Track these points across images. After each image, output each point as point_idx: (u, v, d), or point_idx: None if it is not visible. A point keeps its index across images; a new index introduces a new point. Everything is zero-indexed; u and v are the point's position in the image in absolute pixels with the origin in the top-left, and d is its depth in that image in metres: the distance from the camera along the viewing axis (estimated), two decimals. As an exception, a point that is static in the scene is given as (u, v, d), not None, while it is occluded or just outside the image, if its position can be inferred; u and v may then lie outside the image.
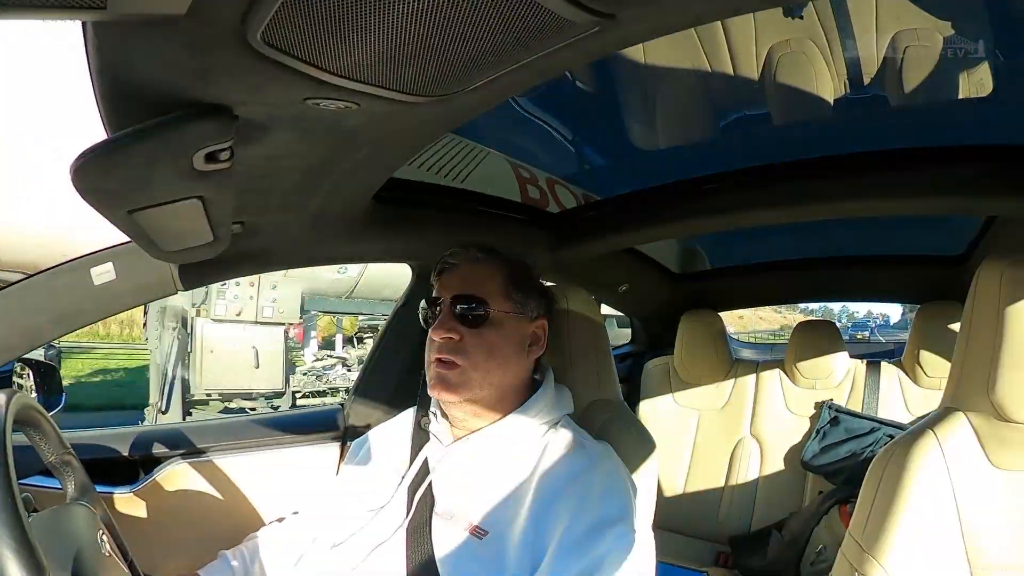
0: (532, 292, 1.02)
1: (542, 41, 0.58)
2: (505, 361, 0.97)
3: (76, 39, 0.53)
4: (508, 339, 0.98)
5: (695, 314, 2.36)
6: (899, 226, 1.92)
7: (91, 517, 0.87)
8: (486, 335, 0.96)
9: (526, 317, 1.01)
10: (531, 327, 1.02)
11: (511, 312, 0.98)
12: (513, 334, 0.99)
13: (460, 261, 1.01)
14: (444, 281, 1.01)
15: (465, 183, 1.37)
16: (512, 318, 0.99)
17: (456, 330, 0.95)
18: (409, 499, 0.98)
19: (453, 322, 0.96)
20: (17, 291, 1.12)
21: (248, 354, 6.74)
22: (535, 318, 1.02)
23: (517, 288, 1.00)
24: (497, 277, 0.99)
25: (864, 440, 1.97)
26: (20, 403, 0.79)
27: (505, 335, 0.98)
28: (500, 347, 0.97)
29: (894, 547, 0.82)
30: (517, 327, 0.99)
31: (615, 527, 0.85)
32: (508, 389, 0.99)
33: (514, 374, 0.99)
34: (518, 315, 0.99)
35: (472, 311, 0.96)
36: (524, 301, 1.00)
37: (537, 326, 1.02)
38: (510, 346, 0.98)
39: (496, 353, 0.96)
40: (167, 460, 1.37)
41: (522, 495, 0.91)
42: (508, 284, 0.99)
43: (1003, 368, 0.81)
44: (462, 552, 0.89)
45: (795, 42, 1.17)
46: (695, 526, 2.22)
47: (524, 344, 1.01)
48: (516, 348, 0.99)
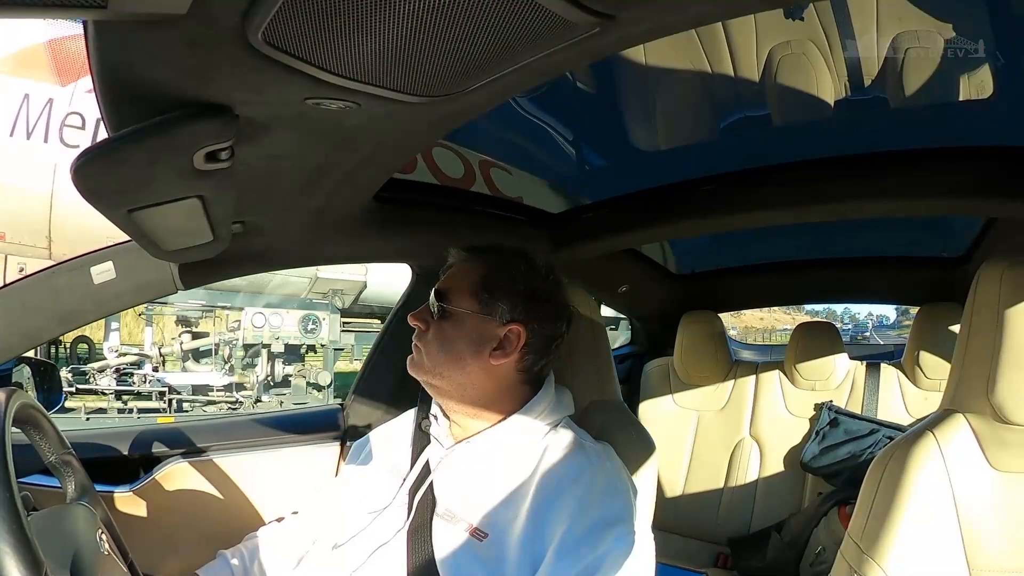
0: (507, 296, 1.00)
1: (542, 41, 0.58)
2: (457, 357, 0.98)
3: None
4: (464, 337, 0.98)
5: (695, 315, 2.36)
6: (899, 227, 1.92)
7: (90, 516, 0.87)
8: (443, 328, 0.99)
9: (493, 320, 0.99)
10: (499, 330, 0.99)
11: (475, 312, 0.99)
12: (471, 333, 0.98)
13: (454, 260, 1.06)
14: (442, 277, 1.05)
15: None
16: (474, 317, 0.99)
17: (424, 320, 1.01)
18: (410, 501, 0.98)
19: (425, 313, 1.01)
20: (17, 290, 1.12)
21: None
22: (507, 322, 0.99)
23: (487, 290, 0.99)
24: (472, 277, 1.01)
25: (864, 442, 1.97)
26: (20, 402, 0.79)
27: (463, 333, 0.98)
28: (453, 342, 0.98)
29: (893, 549, 0.82)
30: (478, 327, 0.99)
31: (615, 528, 0.85)
32: (473, 387, 0.99)
33: (475, 374, 0.98)
34: (482, 315, 0.99)
35: (438, 305, 1.00)
36: (492, 303, 0.99)
37: (509, 330, 0.99)
38: (464, 343, 0.98)
39: (447, 347, 0.98)
40: (166, 459, 1.38)
41: (522, 496, 0.91)
42: (479, 284, 1.00)
43: (1003, 370, 0.81)
44: (462, 553, 0.89)
45: (796, 43, 1.17)
46: (694, 527, 2.21)
47: (484, 345, 0.99)
48: (472, 347, 0.98)
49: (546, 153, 1.56)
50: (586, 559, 0.82)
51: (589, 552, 0.82)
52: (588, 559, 0.82)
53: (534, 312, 1.01)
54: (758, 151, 1.43)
